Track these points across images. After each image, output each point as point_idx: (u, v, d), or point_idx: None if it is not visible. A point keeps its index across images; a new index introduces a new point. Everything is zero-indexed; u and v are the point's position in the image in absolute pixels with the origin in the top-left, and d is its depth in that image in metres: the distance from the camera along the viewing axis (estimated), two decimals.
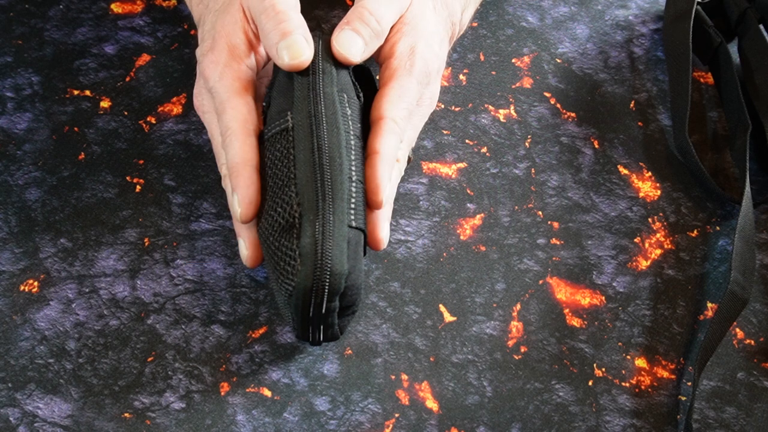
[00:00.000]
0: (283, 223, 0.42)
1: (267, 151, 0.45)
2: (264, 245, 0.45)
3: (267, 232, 0.44)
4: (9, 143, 0.56)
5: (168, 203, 0.54)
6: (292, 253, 0.42)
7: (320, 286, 0.41)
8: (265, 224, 0.45)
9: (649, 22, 0.66)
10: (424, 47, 0.49)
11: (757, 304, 0.53)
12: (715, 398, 0.49)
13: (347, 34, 0.47)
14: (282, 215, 0.42)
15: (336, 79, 0.46)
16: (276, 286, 0.44)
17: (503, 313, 0.52)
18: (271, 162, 0.44)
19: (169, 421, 0.47)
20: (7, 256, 0.52)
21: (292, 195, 0.42)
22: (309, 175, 0.42)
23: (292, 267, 0.42)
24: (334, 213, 0.41)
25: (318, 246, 0.41)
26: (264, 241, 0.45)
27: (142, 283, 0.51)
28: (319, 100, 0.44)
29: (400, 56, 0.48)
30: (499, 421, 0.48)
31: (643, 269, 0.54)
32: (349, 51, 0.47)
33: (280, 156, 0.43)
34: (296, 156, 0.43)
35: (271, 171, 0.44)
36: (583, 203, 0.56)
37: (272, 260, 0.44)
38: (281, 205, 0.43)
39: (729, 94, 0.60)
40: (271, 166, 0.44)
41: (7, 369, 0.48)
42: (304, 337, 0.46)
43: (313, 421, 0.47)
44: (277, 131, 0.44)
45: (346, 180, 0.42)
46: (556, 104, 0.61)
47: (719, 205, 0.57)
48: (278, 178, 0.43)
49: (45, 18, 0.62)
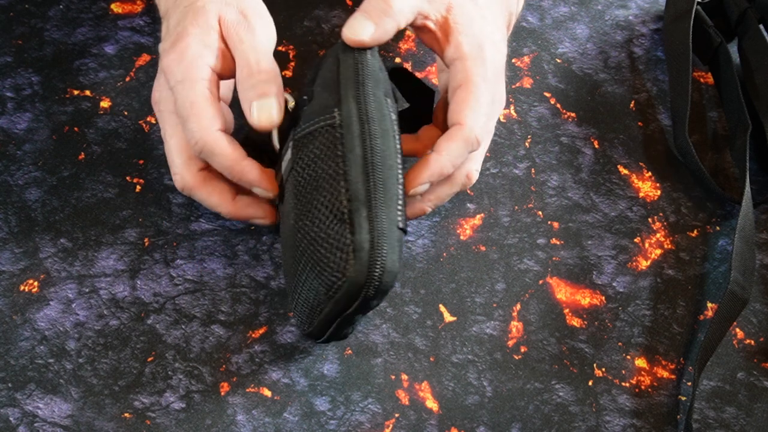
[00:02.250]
0: (329, 215, 0.42)
1: (302, 144, 0.44)
2: (294, 232, 0.44)
3: (303, 220, 0.43)
4: (9, 143, 0.56)
5: (168, 203, 0.54)
6: (344, 246, 0.41)
7: (372, 284, 0.41)
8: (297, 212, 0.44)
9: (649, 22, 0.66)
10: (491, 46, 0.49)
11: (757, 304, 0.53)
12: (715, 398, 0.49)
13: (356, 17, 0.46)
14: (329, 207, 0.42)
15: (381, 83, 0.46)
16: (310, 276, 0.43)
17: (503, 313, 0.52)
18: (310, 154, 0.44)
19: (169, 421, 0.47)
20: (7, 256, 0.52)
21: (342, 190, 0.42)
22: (361, 173, 0.42)
23: (341, 260, 0.41)
24: (387, 213, 0.42)
25: (375, 243, 0.41)
26: (295, 228, 0.44)
27: (142, 283, 0.51)
28: (369, 100, 0.44)
29: (470, 58, 0.47)
30: (499, 421, 0.48)
31: (643, 269, 0.54)
32: (357, 33, 0.46)
33: (324, 149, 0.43)
34: (345, 153, 0.42)
35: (308, 163, 0.44)
36: (583, 203, 0.56)
37: (310, 249, 0.43)
38: (328, 198, 0.42)
39: (729, 94, 0.60)
40: (310, 158, 0.43)
41: (7, 369, 0.48)
42: (316, 334, 0.46)
43: (313, 421, 0.47)
44: (322, 126, 0.44)
45: (395, 182, 0.43)
46: (556, 104, 0.61)
47: (719, 205, 0.57)
48: (322, 170, 0.43)
49: (45, 18, 0.62)
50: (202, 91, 0.46)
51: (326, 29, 0.63)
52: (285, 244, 0.46)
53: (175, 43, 0.47)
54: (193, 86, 0.46)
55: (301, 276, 0.44)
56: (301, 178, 0.44)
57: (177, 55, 0.46)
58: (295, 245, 0.44)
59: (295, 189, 0.44)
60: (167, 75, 0.47)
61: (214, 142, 0.46)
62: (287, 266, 0.46)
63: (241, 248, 0.53)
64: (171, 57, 0.47)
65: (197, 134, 0.45)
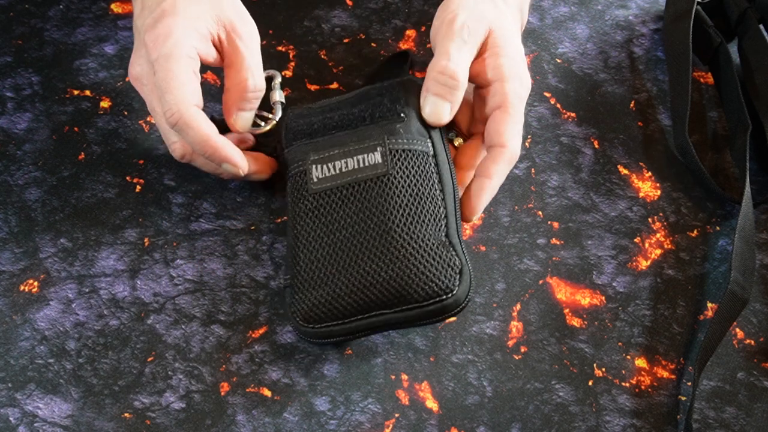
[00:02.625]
0: (431, 229, 0.47)
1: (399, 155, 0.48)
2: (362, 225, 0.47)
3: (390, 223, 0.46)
4: (9, 143, 0.56)
5: (168, 203, 0.54)
6: (452, 264, 0.46)
7: (464, 306, 0.46)
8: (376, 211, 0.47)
9: (649, 22, 0.66)
10: (522, 62, 0.50)
11: (757, 304, 0.53)
12: (715, 398, 0.49)
13: (431, 102, 0.49)
14: (431, 219, 0.47)
15: None
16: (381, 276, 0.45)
17: (503, 313, 0.52)
18: (410, 169, 0.48)
19: (169, 421, 0.47)
20: (7, 256, 0.52)
21: (441, 211, 0.47)
22: (453, 202, 0.48)
23: (450, 278, 0.45)
24: (462, 237, 0.48)
25: (469, 268, 0.46)
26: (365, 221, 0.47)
27: (142, 283, 0.51)
28: (443, 134, 0.51)
29: (509, 79, 0.49)
30: (499, 421, 0.48)
31: (643, 269, 0.54)
32: (440, 117, 0.49)
33: (418, 174, 0.48)
34: (442, 180, 0.48)
35: (406, 175, 0.48)
36: (583, 203, 0.56)
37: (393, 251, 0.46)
38: (431, 214, 0.47)
39: (729, 94, 0.60)
40: (409, 173, 0.48)
41: (7, 369, 0.48)
42: (329, 334, 0.46)
43: (313, 421, 0.47)
44: (418, 151, 0.49)
45: (459, 206, 0.49)
46: (556, 104, 0.61)
47: (719, 205, 0.57)
48: (422, 187, 0.48)
49: (45, 18, 0.62)
50: (184, 67, 0.48)
51: (326, 29, 0.63)
52: (322, 232, 0.48)
53: (161, 19, 0.48)
54: (177, 61, 0.47)
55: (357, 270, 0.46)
56: (396, 182, 0.47)
57: (164, 29, 0.48)
58: (358, 239, 0.46)
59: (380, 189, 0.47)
60: (150, 49, 0.48)
61: (190, 116, 0.47)
62: (317, 253, 0.47)
63: (241, 248, 0.53)
64: (157, 32, 0.48)
65: (174, 107, 0.47)
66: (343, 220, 0.47)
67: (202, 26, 0.49)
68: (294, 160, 0.50)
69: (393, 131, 0.49)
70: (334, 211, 0.48)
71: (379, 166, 0.48)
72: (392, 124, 0.49)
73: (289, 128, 0.52)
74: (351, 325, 0.46)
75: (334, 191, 0.48)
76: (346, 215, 0.47)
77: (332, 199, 0.48)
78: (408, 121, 0.49)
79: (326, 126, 0.50)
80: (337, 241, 0.47)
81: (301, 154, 0.50)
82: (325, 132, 0.50)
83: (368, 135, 0.49)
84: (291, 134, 0.51)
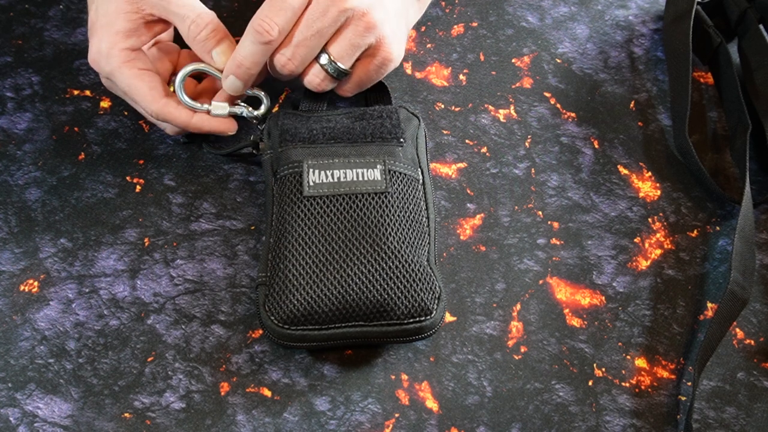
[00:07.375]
0: (419, 251, 0.49)
1: (393, 175, 0.51)
2: (351, 229, 0.48)
3: (397, 240, 0.48)
4: (9, 143, 0.56)
5: (168, 203, 0.54)
6: (432, 286, 0.48)
7: (435, 331, 0.48)
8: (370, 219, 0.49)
9: (649, 22, 0.66)
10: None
11: (757, 304, 0.53)
12: (715, 398, 0.49)
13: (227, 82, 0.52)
14: (419, 242, 0.49)
15: None
16: (381, 295, 0.47)
17: (503, 313, 0.52)
18: (401, 191, 0.50)
19: (169, 421, 0.47)
20: (7, 256, 0.52)
21: (426, 237, 0.50)
22: (434, 230, 0.51)
23: (429, 301, 0.47)
24: None
25: (443, 296, 0.48)
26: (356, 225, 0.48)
27: (142, 283, 0.51)
28: (429, 169, 0.54)
29: None
30: (499, 421, 0.48)
31: (643, 269, 0.54)
32: None
33: (411, 198, 0.51)
34: (428, 208, 0.51)
35: (400, 195, 0.50)
36: (583, 203, 0.56)
37: (395, 269, 0.47)
38: (419, 238, 0.49)
39: (729, 94, 0.60)
40: (401, 194, 0.50)
41: (7, 369, 0.48)
42: (308, 339, 0.46)
43: (313, 421, 0.47)
44: (412, 177, 0.51)
45: None
46: (556, 104, 0.61)
47: (719, 205, 0.57)
48: (413, 209, 0.50)
49: (45, 18, 0.62)
50: (134, 71, 0.51)
51: None
52: (313, 236, 0.48)
53: (91, 37, 0.52)
54: (124, 72, 0.51)
55: (345, 278, 0.47)
56: (393, 201, 0.50)
57: (95, 47, 0.51)
58: (350, 249, 0.48)
59: (377, 204, 0.49)
60: (97, 70, 0.52)
61: (164, 114, 0.52)
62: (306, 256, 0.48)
63: (241, 248, 0.53)
64: (93, 52, 0.51)
65: (149, 109, 0.52)
66: (337, 228, 0.48)
67: (121, 23, 0.50)
68: (287, 160, 0.50)
69: (393, 153, 0.51)
70: (327, 217, 0.48)
71: (378, 183, 0.50)
72: (393, 147, 0.52)
73: (284, 128, 0.52)
74: (327, 332, 0.46)
75: (330, 198, 0.49)
76: (341, 224, 0.48)
77: (327, 206, 0.49)
78: (406, 148, 0.52)
79: (326, 135, 0.51)
80: (328, 248, 0.48)
81: (296, 157, 0.50)
82: (325, 140, 0.51)
83: (369, 152, 0.51)
84: (287, 134, 0.51)
